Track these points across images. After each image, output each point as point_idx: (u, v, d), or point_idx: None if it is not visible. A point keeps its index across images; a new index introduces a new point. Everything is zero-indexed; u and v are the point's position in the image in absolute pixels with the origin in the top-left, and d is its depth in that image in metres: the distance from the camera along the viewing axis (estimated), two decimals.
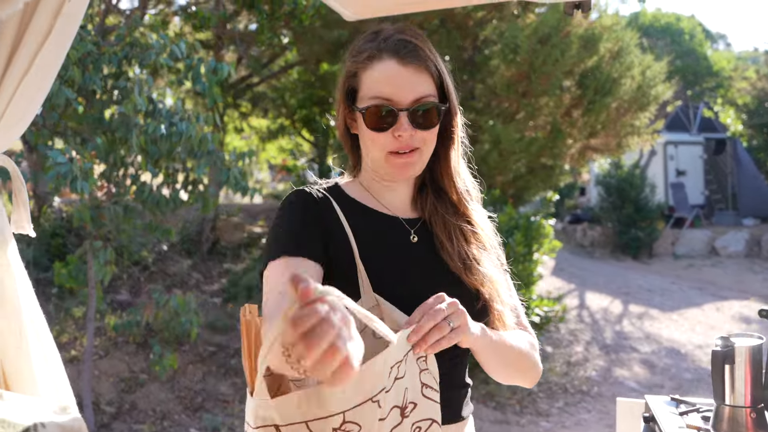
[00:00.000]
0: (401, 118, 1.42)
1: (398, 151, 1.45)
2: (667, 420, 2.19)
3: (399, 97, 1.42)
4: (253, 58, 10.00)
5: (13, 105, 1.28)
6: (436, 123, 1.45)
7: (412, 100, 1.42)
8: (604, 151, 9.08)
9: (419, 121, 1.43)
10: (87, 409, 5.34)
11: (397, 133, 1.43)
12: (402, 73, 1.42)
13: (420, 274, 1.49)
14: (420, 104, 1.42)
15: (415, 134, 1.43)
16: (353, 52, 1.49)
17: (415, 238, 1.54)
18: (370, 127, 1.44)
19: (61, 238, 7.70)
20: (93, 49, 4.73)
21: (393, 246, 1.52)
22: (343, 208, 1.50)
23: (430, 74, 1.44)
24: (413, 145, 1.45)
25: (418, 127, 1.43)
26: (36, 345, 1.36)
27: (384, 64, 1.43)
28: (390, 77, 1.42)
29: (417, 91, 1.42)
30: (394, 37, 1.45)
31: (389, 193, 1.57)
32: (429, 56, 1.45)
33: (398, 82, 1.42)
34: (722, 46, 29.86)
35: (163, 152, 4.99)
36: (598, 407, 6.72)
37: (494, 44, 8.23)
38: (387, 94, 1.42)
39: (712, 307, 10.84)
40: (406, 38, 1.45)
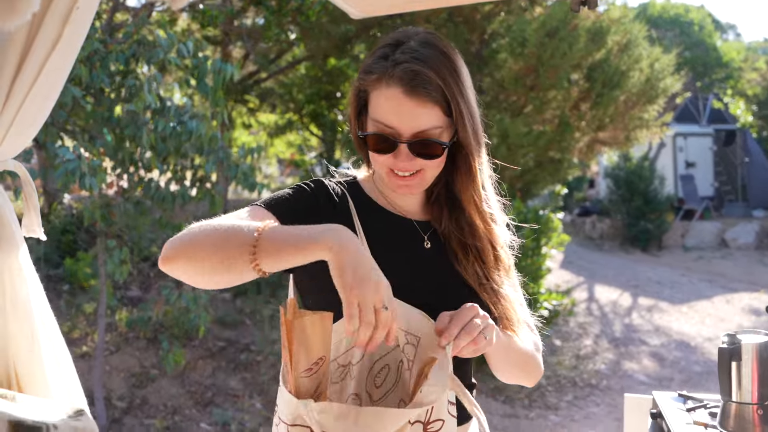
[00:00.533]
0: (400, 148, 1.38)
1: (397, 173, 1.41)
2: (675, 416, 2.19)
3: (400, 128, 1.37)
4: (261, 54, 10.00)
5: (23, 112, 1.29)
6: (439, 154, 1.40)
7: (412, 134, 1.37)
8: (613, 145, 9.05)
9: (420, 151, 1.38)
10: (99, 404, 5.39)
11: (395, 160, 1.39)
12: (405, 104, 1.35)
13: (432, 282, 1.47)
14: (420, 138, 1.37)
15: (415, 161, 1.39)
16: (365, 68, 1.43)
17: (429, 245, 1.51)
18: (372, 149, 1.41)
19: (71, 234, 7.75)
20: (100, 47, 4.76)
21: (405, 248, 1.49)
22: (357, 204, 1.48)
23: (438, 105, 1.37)
24: (415, 169, 1.41)
25: (419, 156, 1.39)
26: (48, 347, 1.38)
27: (390, 90, 1.36)
28: (393, 106, 1.36)
29: (418, 124, 1.36)
30: (403, 65, 1.35)
31: (400, 199, 1.53)
32: (440, 87, 1.36)
33: (401, 112, 1.36)
34: (732, 37, 29.67)
35: (171, 149, 5.02)
36: (607, 401, 6.73)
37: (502, 38, 8.21)
38: (389, 122, 1.37)
39: (722, 299, 10.81)
40: (417, 68, 1.35)
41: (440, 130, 1.38)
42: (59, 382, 1.38)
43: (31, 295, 1.39)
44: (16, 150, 1.38)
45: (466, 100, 1.41)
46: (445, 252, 1.50)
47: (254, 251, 1.17)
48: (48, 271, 7.17)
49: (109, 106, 4.97)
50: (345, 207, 1.46)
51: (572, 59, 7.65)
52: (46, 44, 1.26)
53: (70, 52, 1.32)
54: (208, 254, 1.20)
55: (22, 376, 1.34)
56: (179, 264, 1.23)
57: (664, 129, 9.39)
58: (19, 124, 1.31)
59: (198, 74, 5.06)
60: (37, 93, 1.30)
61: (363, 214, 1.46)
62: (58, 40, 1.26)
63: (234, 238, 1.19)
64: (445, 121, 1.39)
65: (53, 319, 1.43)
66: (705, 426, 2.09)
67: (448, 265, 1.49)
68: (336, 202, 1.46)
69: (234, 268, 1.19)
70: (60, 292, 6.99)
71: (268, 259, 1.17)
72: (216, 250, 1.19)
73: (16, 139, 1.35)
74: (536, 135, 7.89)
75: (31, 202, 1.45)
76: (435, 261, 1.49)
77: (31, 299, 1.38)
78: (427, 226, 1.53)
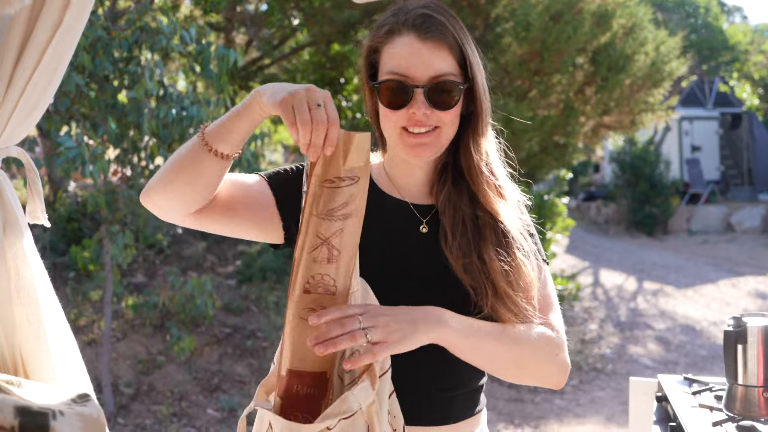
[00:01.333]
0: (417, 95, 1.35)
1: (412, 130, 1.38)
2: (680, 399, 2.20)
3: (415, 74, 1.35)
4: (264, 40, 9.97)
5: (25, 98, 1.29)
6: (454, 103, 1.37)
7: (429, 78, 1.35)
8: (618, 129, 9.01)
9: (436, 99, 1.35)
10: (106, 391, 5.42)
11: (411, 111, 1.36)
12: (420, 49, 1.35)
13: (420, 267, 1.43)
14: (437, 81, 1.35)
15: (431, 113, 1.36)
16: (375, 27, 1.44)
17: (425, 229, 1.47)
18: (385, 103, 1.38)
19: (76, 222, 7.77)
20: (103, 35, 4.75)
21: (398, 232, 1.46)
22: None
23: (451, 51, 1.37)
24: (430, 124, 1.38)
25: (435, 106, 1.36)
26: (54, 334, 1.38)
27: (403, 38, 1.36)
28: (407, 52, 1.35)
29: (435, 68, 1.35)
30: (415, 11, 1.38)
31: (408, 176, 1.50)
32: (452, 32, 1.37)
33: (416, 57, 1.35)
34: (738, 19, 29.42)
35: (174, 136, 5.02)
36: (612, 385, 6.74)
37: (506, 22, 8.16)
38: (403, 69, 1.35)
39: (728, 283, 10.80)
40: (428, 12, 1.37)
41: (454, 77, 1.37)
42: (65, 368, 1.39)
43: (36, 281, 1.39)
44: (19, 136, 1.38)
45: (474, 50, 1.41)
46: (439, 234, 1.45)
47: (204, 138, 1.30)
48: (54, 259, 7.19)
49: (113, 93, 4.97)
50: None
51: (577, 43, 7.60)
52: (47, 29, 1.25)
53: (71, 36, 1.31)
54: (172, 167, 1.34)
55: (28, 362, 1.34)
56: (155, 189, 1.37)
57: (669, 113, 9.34)
58: (21, 110, 1.31)
59: (202, 60, 5.05)
60: (39, 79, 1.30)
61: None
62: (60, 24, 1.26)
63: (186, 146, 1.33)
64: (458, 70, 1.38)
65: (59, 306, 1.44)
66: (710, 409, 2.09)
67: (437, 249, 1.43)
68: None
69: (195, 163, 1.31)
70: (66, 279, 7.01)
71: (216, 137, 1.29)
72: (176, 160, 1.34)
73: (19, 125, 1.35)
74: (541, 119, 7.86)
75: (35, 189, 1.45)
76: (427, 245, 1.45)
77: (36, 286, 1.38)
78: (427, 209, 1.49)
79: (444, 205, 1.45)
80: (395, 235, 1.46)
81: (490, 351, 1.35)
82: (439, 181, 1.48)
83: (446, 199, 1.45)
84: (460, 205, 1.44)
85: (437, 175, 1.50)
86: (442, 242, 1.42)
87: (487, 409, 1.58)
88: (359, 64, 1.49)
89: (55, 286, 1.48)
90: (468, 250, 1.40)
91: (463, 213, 1.43)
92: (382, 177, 1.53)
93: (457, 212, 1.44)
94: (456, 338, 1.30)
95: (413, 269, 1.42)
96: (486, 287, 1.38)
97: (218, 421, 5.69)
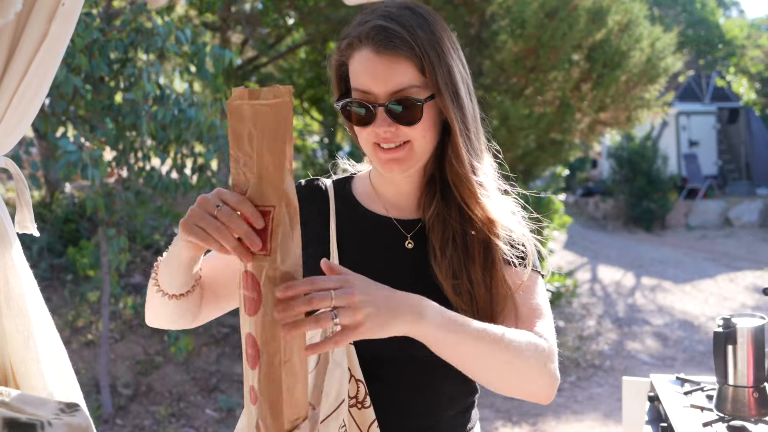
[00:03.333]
0: (378, 113, 1.28)
1: (383, 146, 1.31)
2: (672, 399, 2.21)
3: (375, 90, 1.27)
4: (260, 39, 9.97)
5: (12, 110, 1.29)
6: (419, 117, 1.28)
7: (387, 94, 1.27)
8: (614, 125, 9.02)
9: (398, 115, 1.28)
10: (104, 392, 5.44)
11: (375, 130, 1.29)
12: (377, 64, 1.27)
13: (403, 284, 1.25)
14: (396, 98, 1.27)
15: (397, 129, 1.29)
16: (340, 40, 1.36)
17: (411, 244, 1.40)
18: (352, 122, 1.33)
19: (74, 223, 7.78)
20: (99, 36, 4.75)
21: (381, 249, 1.40)
22: (339, 206, 1.43)
23: (412, 62, 1.27)
24: (398, 140, 1.30)
25: (399, 122, 1.28)
26: (43, 344, 1.39)
27: (361, 53, 1.29)
28: (366, 68, 1.28)
29: (393, 83, 1.26)
30: (371, 23, 1.29)
31: (392, 188, 1.43)
32: (412, 42, 1.26)
33: (373, 73, 1.27)
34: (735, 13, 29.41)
35: (171, 138, 5.03)
36: (610, 381, 6.76)
37: (501, 19, 8.15)
38: (363, 86, 1.29)
39: (726, 278, 10.82)
40: (383, 24, 1.28)
41: (416, 90, 1.28)
42: (55, 377, 1.39)
43: (25, 291, 1.39)
44: (6, 147, 1.38)
45: (443, 57, 1.30)
46: (427, 249, 1.37)
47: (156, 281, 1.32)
48: (51, 260, 7.19)
49: (109, 95, 4.97)
50: (324, 208, 1.43)
51: (572, 40, 7.60)
52: (33, 42, 1.26)
53: (58, 47, 1.32)
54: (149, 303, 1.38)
55: (18, 372, 1.35)
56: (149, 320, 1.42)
57: (665, 109, 9.35)
58: (8, 122, 1.32)
59: (198, 61, 5.05)
60: (25, 90, 1.30)
61: (342, 217, 1.42)
62: (45, 36, 1.26)
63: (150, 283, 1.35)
64: (423, 80, 1.29)
65: (48, 315, 1.44)
66: (701, 409, 2.10)
67: (424, 265, 1.36)
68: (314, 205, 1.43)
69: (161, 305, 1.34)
70: (64, 281, 7.02)
71: (162, 277, 1.30)
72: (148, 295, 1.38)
73: (7, 136, 1.35)
74: (537, 117, 7.86)
75: (24, 199, 1.46)
76: (411, 261, 1.38)
77: (26, 296, 1.39)
78: (413, 224, 1.42)
79: (432, 221, 1.37)
80: (379, 250, 1.39)
81: (472, 351, 1.19)
82: (427, 195, 1.40)
83: (434, 215, 1.37)
84: (449, 220, 1.36)
85: (425, 187, 1.42)
86: (431, 259, 1.35)
87: (485, 406, 1.55)
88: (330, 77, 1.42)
89: (52, 287, 1.49)
90: (459, 270, 1.33)
91: (453, 229, 1.35)
92: (366, 189, 1.46)
93: (447, 228, 1.36)
94: (436, 333, 1.15)
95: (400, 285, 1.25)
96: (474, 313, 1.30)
97: (217, 421, 5.70)
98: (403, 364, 1.33)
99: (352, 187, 1.48)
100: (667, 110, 9.54)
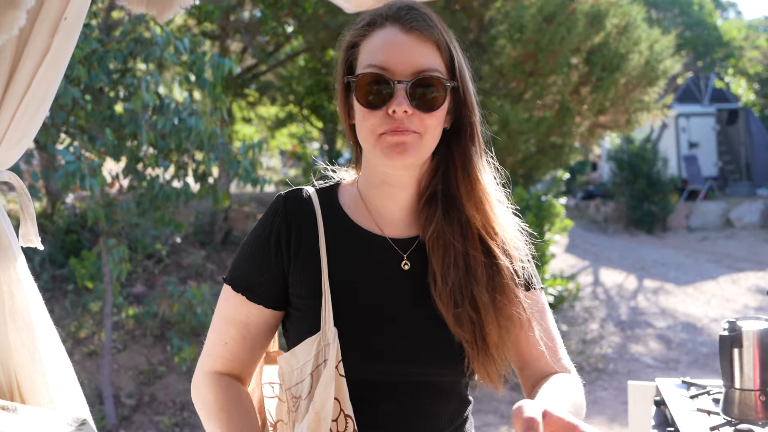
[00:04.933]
0: (398, 91, 1.17)
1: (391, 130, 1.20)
2: (678, 403, 2.20)
3: (397, 67, 1.18)
4: (259, 48, 9.99)
5: (15, 124, 1.30)
6: (440, 104, 1.20)
7: (412, 72, 1.18)
8: (614, 128, 9.04)
9: (419, 97, 1.18)
10: (108, 402, 5.42)
11: (391, 109, 1.18)
12: (403, 41, 1.19)
13: (400, 311, 1.25)
14: (422, 77, 1.18)
15: (413, 115, 1.18)
16: (353, 23, 1.28)
17: (407, 265, 1.29)
18: (362, 101, 1.20)
19: (75, 234, 7.78)
20: (98, 47, 4.76)
21: (374, 272, 1.28)
22: (327, 221, 1.30)
23: (438, 48, 1.21)
24: (410, 129, 1.19)
25: (418, 107, 1.18)
26: (49, 357, 1.39)
27: (385, 30, 1.21)
28: (389, 44, 1.19)
29: (419, 63, 1.18)
30: (396, 5, 1.23)
31: (386, 201, 1.31)
32: (438, 27, 1.21)
33: (398, 49, 1.18)
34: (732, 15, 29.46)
35: (172, 147, 5.04)
36: (614, 384, 6.74)
37: (500, 24, 8.17)
38: (384, 62, 1.18)
39: (728, 279, 10.80)
40: (409, 4, 1.23)
41: (440, 75, 1.20)
42: (61, 391, 1.39)
43: (30, 305, 1.39)
44: (10, 161, 1.38)
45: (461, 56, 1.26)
46: (425, 272, 1.28)
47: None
48: (53, 271, 7.19)
49: (109, 105, 4.98)
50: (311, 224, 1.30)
51: (571, 44, 7.62)
52: (36, 56, 1.26)
53: (59, 62, 1.32)
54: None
55: (23, 386, 1.34)
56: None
57: (665, 111, 9.36)
58: (11, 136, 1.32)
59: (197, 70, 5.06)
60: (28, 104, 1.30)
61: (330, 235, 1.29)
62: (47, 51, 1.26)
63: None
64: (446, 72, 1.22)
65: (53, 328, 1.44)
66: (708, 413, 2.09)
67: (422, 289, 1.26)
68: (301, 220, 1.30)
69: None
70: (65, 291, 7.01)
71: None
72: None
73: (10, 150, 1.35)
74: (537, 121, 7.88)
75: (27, 212, 1.45)
76: (409, 285, 1.28)
77: (30, 309, 1.39)
78: (409, 242, 1.31)
79: (432, 242, 1.27)
80: (373, 271, 1.28)
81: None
82: (428, 212, 1.30)
83: (435, 235, 1.27)
84: (451, 241, 1.26)
85: (424, 204, 1.31)
86: (431, 287, 1.26)
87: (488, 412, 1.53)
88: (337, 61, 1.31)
89: (54, 298, 1.49)
90: (460, 297, 1.24)
91: (455, 250, 1.26)
92: (355, 202, 1.34)
93: (448, 251, 1.26)
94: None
95: (398, 312, 1.26)
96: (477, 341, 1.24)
97: None
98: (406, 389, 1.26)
99: (338, 197, 1.35)
100: (666, 112, 9.55)
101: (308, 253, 1.28)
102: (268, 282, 1.29)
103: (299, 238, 1.29)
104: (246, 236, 1.35)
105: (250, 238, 1.33)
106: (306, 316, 1.26)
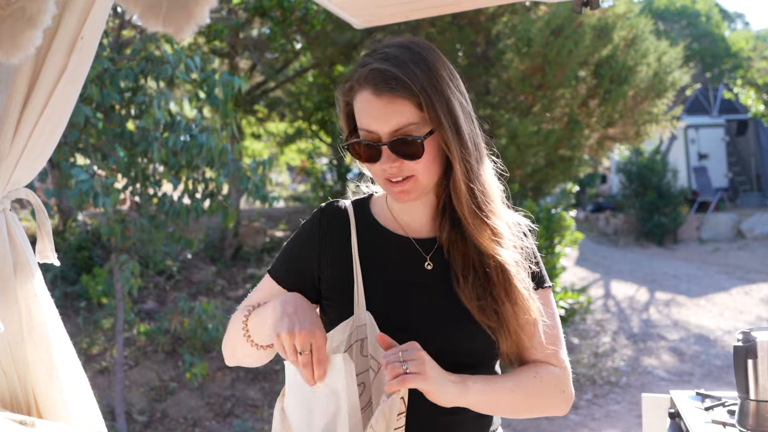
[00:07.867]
0: (383, 150, 1.37)
1: (391, 179, 1.40)
2: (693, 415, 2.19)
3: (378, 130, 1.36)
4: (267, 65, 10.06)
5: (33, 141, 1.31)
6: (420, 153, 1.36)
7: (389, 133, 1.35)
8: (623, 140, 9.03)
9: (401, 152, 1.36)
10: (120, 419, 5.43)
11: (381, 167, 1.38)
12: (376, 105, 1.35)
13: (427, 306, 1.44)
14: (397, 137, 1.35)
15: (402, 164, 1.37)
16: (344, 82, 1.45)
17: (430, 266, 1.47)
18: (360, 159, 1.43)
19: (87, 251, 7.82)
20: (109, 65, 4.81)
21: (402, 271, 1.47)
22: (360, 226, 1.51)
23: (410, 101, 1.34)
24: (404, 174, 1.39)
25: (404, 158, 1.36)
26: (66, 372, 1.40)
27: (362, 95, 1.37)
28: (366, 109, 1.36)
29: (393, 123, 1.35)
30: (369, 66, 1.36)
31: (408, 210, 1.50)
32: (409, 81, 1.33)
33: (374, 114, 1.36)
34: (740, 26, 29.46)
35: (183, 163, 5.06)
36: (627, 398, 6.70)
37: (507, 38, 8.21)
38: (367, 125, 1.37)
39: (741, 291, 10.73)
40: (380, 67, 1.35)
41: (416, 126, 1.36)
42: (78, 406, 1.40)
43: (47, 320, 1.41)
44: (28, 178, 1.40)
45: (441, 93, 1.36)
46: (448, 272, 1.45)
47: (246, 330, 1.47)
48: (65, 288, 7.23)
49: (120, 123, 5.02)
50: (345, 230, 1.51)
51: (579, 57, 7.64)
52: (53, 74, 1.28)
53: (76, 80, 1.34)
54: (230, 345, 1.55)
55: (41, 401, 1.36)
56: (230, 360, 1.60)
57: (674, 123, 9.35)
58: (29, 153, 1.34)
59: (207, 87, 5.10)
60: (46, 122, 1.32)
61: (363, 237, 1.50)
62: (64, 69, 1.28)
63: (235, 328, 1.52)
64: (421, 116, 1.36)
65: (70, 344, 1.45)
66: (723, 425, 2.08)
67: (446, 287, 1.44)
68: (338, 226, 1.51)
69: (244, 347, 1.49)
70: (77, 308, 7.04)
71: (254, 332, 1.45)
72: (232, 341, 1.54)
73: (28, 167, 1.37)
74: (545, 134, 7.88)
75: (44, 229, 1.47)
76: (433, 283, 1.46)
77: (48, 325, 1.40)
78: (430, 243, 1.49)
79: (449, 246, 1.46)
80: (400, 270, 1.47)
81: (505, 404, 1.43)
82: (442, 219, 1.48)
83: (449, 242, 1.46)
84: (465, 249, 1.44)
85: (440, 211, 1.49)
86: (455, 285, 1.43)
87: (501, 426, 1.59)
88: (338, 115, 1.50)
89: (66, 315, 1.50)
90: (482, 292, 1.42)
91: (472, 258, 1.43)
92: (384, 210, 1.54)
93: (465, 257, 1.44)
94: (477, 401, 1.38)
95: (423, 305, 1.44)
96: (502, 327, 1.42)
97: None
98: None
99: (370, 208, 1.55)
100: (675, 124, 9.54)
101: (342, 251, 1.47)
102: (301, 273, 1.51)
103: (334, 239, 1.50)
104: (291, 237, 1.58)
105: (293, 238, 1.57)
106: (337, 306, 1.45)
